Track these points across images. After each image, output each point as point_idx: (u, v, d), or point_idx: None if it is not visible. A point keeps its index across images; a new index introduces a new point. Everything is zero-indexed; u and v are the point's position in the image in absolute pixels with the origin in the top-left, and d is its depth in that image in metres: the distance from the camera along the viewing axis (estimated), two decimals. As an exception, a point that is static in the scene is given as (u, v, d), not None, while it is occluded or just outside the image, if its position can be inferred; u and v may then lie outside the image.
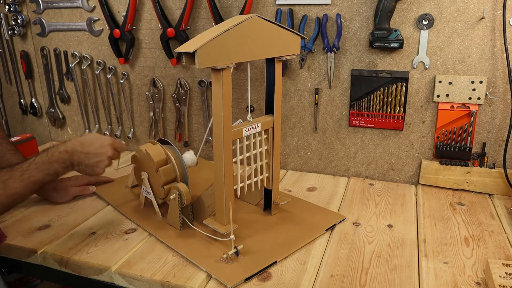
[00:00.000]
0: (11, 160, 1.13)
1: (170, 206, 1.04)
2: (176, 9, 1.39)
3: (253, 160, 1.01)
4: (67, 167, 0.96)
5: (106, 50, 1.53)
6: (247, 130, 0.96)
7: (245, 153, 0.98)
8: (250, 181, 1.02)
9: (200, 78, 1.43)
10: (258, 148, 1.01)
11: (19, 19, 1.59)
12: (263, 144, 1.02)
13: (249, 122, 0.97)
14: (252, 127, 0.97)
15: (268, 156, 1.04)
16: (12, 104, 1.79)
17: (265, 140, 1.03)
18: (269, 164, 1.05)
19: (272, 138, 1.03)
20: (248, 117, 0.97)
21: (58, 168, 0.94)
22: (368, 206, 1.17)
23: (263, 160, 1.04)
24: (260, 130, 0.99)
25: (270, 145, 1.04)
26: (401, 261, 0.92)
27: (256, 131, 0.98)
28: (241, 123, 0.97)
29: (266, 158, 1.04)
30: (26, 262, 1.00)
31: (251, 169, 1.02)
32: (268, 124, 1.01)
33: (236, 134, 0.94)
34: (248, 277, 0.86)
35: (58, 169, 0.94)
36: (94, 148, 0.99)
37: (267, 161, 1.05)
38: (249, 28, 0.87)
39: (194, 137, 1.53)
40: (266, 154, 1.04)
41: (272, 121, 1.01)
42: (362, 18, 1.22)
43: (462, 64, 1.17)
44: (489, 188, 1.22)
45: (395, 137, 1.29)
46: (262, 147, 1.02)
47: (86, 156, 0.97)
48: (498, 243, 0.98)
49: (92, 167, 0.99)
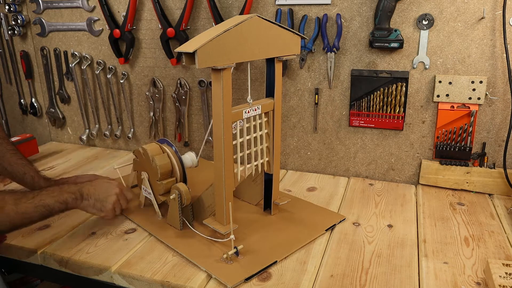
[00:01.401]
0: (11, 160, 1.13)
1: (170, 206, 1.04)
2: (176, 9, 1.39)
3: (253, 144, 0.99)
4: (77, 199, 0.98)
5: (106, 50, 1.53)
6: (247, 112, 0.94)
7: (245, 136, 0.96)
8: (250, 165, 1.00)
9: (200, 78, 1.43)
10: (258, 131, 0.99)
11: (19, 19, 1.59)
12: (263, 127, 1.01)
13: (249, 104, 0.95)
14: (252, 109, 0.95)
15: (269, 139, 1.03)
16: (12, 104, 1.79)
17: (266, 123, 1.01)
18: (270, 148, 1.03)
19: (272, 121, 1.01)
20: (248, 99, 0.95)
21: (67, 198, 0.96)
22: (368, 206, 1.17)
23: (264, 143, 1.02)
24: (260, 112, 0.97)
25: (270, 128, 1.02)
26: (401, 261, 0.92)
27: (256, 113, 0.96)
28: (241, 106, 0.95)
29: (267, 141, 1.03)
30: (26, 262, 1.00)
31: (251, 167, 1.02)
32: (269, 106, 0.99)
33: (236, 116, 0.92)
34: (248, 277, 0.86)
35: (68, 199, 0.96)
36: (103, 184, 1.05)
37: (268, 144, 1.03)
38: (249, 28, 0.87)
39: (194, 137, 1.53)
40: (267, 138, 1.02)
41: (272, 104, 1.00)
42: (362, 18, 1.22)
43: (462, 64, 1.17)
44: (489, 188, 1.22)
45: (395, 137, 1.29)
46: (262, 130, 1.00)
47: (95, 190, 1.01)
48: (498, 243, 0.98)
49: (101, 202, 1.01)
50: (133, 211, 1.13)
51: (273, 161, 1.04)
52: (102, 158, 1.56)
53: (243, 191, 1.17)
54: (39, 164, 1.47)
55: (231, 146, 0.92)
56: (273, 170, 1.05)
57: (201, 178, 1.19)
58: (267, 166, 1.05)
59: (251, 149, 1.00)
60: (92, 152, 1.63)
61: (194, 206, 1.05)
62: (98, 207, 1.01)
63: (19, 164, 1.13)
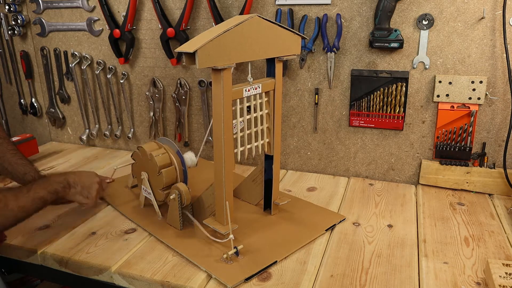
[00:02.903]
0: (12, 160, 1.13)
1: (170, 206, 1.04)
2: (176, 9, 1.39)
3: (253, 124, 0.97)
4: (65, 187, 1.02)
5: (106, 50, 1.53)
6: (248, 91, 0.92)
7: (246, 115, 0.94)
8: (251, 145, 0.99)
9: (200, 78, 1.43)
10: (258, 111, 0.97)
11: (19, 19, 1.59)
12: (264, 107, 0.99)
13: (250, 83, 0.93)
14: (252, 87, 0.93)
15: (269, 120, 1.01)
16: (12, 104, 1.79)
17: (266, 103, 0.99)
18: (270, 128, 1.01)
19: (273, 101, 0.99)
20: (248, 78, 0.93)
21: (57, 188, 1.00)
22: (368, 206, 1.17)
23: (264, 124, 1.00)
24: (261, 91, 0.95)
25: (271, 109, 1.00)
26: (401, 261, 0.92)
27: (256, 92, 0.94)
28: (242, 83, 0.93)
29: (267, 122, 1.01)
30: (26, 262, 1.00)
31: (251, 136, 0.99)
32: (269, 86, 0.97)
33: (236, 94, 0.90)
34: (248, 277, 0.86)
35: (58, 188, 1.00)
36: (85, 174, 1.11)
37: (268, 125, 1.01)
38: (249, 28, 0.87)
39: (194, 137, 1.52)
40: (267, 118, 1.00)
41: (273, 83, 0.98)
42: (362, 18, 1.22)
43: (462, 64, 1.17)
44: (489, 188, 1.22)
45: (395, 137, 1.29)
46: (263, 110, 0.98)
47: (80, 178, 1.06)
48: (498, 243, 0.98)
49: (87, 189, 1.06)
50: (133, 211, 1.13)
51: (274, 143, 1.02)
52: (102, 158, 1.56)
53: (243, 191, 1.17)
54: (39, 164, 1.47)
55: (231, 146, 0.92)
56: (273, 151, 1.03)
57: (201, 178, 1.19)
58: (268, 147, 1.03)
59: (251, 129, 0.97)
60: (92, 152, 1.63)
61: (194, 206, 1.05)
62: (85, 194, 1.06)
63: (19, 164, 1.13)
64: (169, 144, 1.10)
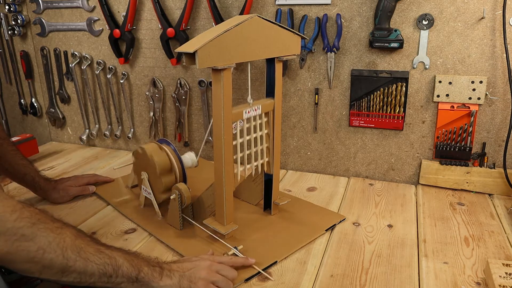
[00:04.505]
0: (12, 161, 1.13)
1: (170, 206, 1.04)
2: (176, 9, 1.39)
3: (253, 144, 0.98)
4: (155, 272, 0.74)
5: (106, 50, 1.53)
6: (248, 112, 0.93)
7: (245, 136, 0.96)
8: (250, 165, 1.00)
9: (200, 78, 1.43)
10: (258, 132, 0.98)
11: (19, 19, 1.59)
12: (264, 128, 1.00)
13: (249, 104, 0.94)
14: (252, 109, 0.94)
15: (269, 140, 1.02)
16: (12, 104, 1.79)
17: (266, 124, 1.00)
18: (270, 148, 1.03)
19: (272, 121, 1.00)
20: (248, 99, 0.94)
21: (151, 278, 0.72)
22: (368, 206, 1.17)
23: (264, 144, 1.01)
24: (260, 112, 0.97)
25: (270, 129, 1.01)
26: (401, 261, 0.92)
27: (256, 114, 0.96)
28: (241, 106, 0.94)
29: (267, 142, 1.02)
30: (26, 262, 1.00)
31: (251, 167, 1.01)
32: (269, 106, 0.99)
33: (236, 116, 0.91)
34: (248, 277, 0.86)
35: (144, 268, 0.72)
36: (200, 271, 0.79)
37: (268, 145, 1.03)
38: (249, 28, 0.87)
39: (194, 137, 1.53)
40: (267, 138, 1.02)
41: (272, 104, 0.99)
42: (362, 18, 1.22)
43: (462, 64, 1.17)
44: (489, 188, 1.22)
45: (395, 137, 1.29)
46: (262, 130, 1.00)
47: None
48: (498, 243, 0.98)
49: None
50: (133, 211, 1.13)
51: (273, 162, 1.04)
52: (102, 158, 1.56)
53: (243, 191, 1.17)
54: (39, 164, 1.47)
55: (231, 146, 0.92)
56: (273, 170, 1.05)
57: (201, 178, 1.19)
58: (267, 166, 1.05)
59: (251, 149, 0.99)
60: (92, 152, 1.63)
61: (194, 206, 1.05)
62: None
63: (20, 165, 1.13)
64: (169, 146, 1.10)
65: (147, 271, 0.71)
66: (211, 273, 0.78)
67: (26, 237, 0.62)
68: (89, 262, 0.66)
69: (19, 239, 0.62)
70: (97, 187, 1.26)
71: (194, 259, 0.82)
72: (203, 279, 0.76)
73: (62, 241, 0.65)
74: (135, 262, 0.71)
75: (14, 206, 0.64)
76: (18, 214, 0.63)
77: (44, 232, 0.64)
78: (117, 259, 0.69)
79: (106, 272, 0.68)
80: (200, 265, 0.79)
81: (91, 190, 1.24)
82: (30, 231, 0.63)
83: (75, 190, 1.21)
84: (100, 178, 1.28)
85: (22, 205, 0.65)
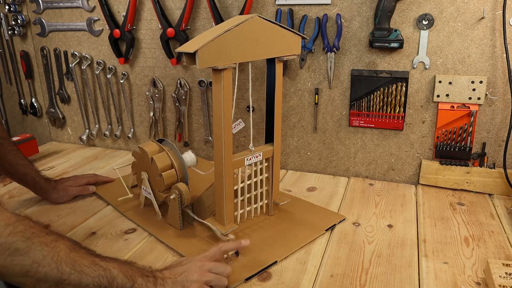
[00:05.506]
0: (13, 161, 1.13)
1: (170, 206, 1.04)
2: (176, 9, 1.39)
3: (253, 188, 1.02)
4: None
5: (106, 50, 1.53)
6: (249, 159, 0.98)
7: (246, 181, 1.00)
8: (250, 207, 1.04)
9: (200, 78, 1.43)
10: (258, 176, 1.03)
11: (19, 19, 1.59)
12: (264, 172, 1.04)
13: (251, 151, 0.98)
14: (254, 156, 0.99)
15: (268, 183, 1.06)
16: (12, 104, 1.79)
17: (266, 168, 1.04)
18: (269, 191, 1.07)
19: (271, 166, 1.04)
20: (250, 147, 0.98)
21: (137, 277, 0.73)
22: (368, 206, 1.17)
23: (263, 187, 1.05)
24: (261, 159, 1.01)
25: (270, 173, 1.05)
26: (401, 261, 0.92)
27: (257, 160, 1.00)
28: (243, 154, 0.98)
29: (266, 185, 1.06)
30: (26, 262, 1.00)
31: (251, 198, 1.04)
32: (269, 153, 1.03)
33: (237, 164, 0.95)
34: (248, 277, 0.86)
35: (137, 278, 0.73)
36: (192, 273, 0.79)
37: (267, 188, 1.06)
38: (249, 28, 0.87)
39: (194, 137, 1.53)
40: (266, 182, 1.06)
41: (272, 151, 1.03)
42: (362, 18, 1.22)
43: (462, 64, 1.17)
44: (489, 188, 1.22)
45: (395, 137, 1.29)
46: (262, 175, 1.04)
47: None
48: (498, 243, 0.98)
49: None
50: (133, 211, 1.13)
51: (271, 205, 1.08)
52: (102, 158, 1.56)
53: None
54: (39, 164, 1.47)
55: (231, 146, 0.92)
56: (272, 212, 1.09)
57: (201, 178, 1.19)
58: (266, 208, 1.08)
59: (251, 193, 1.03)
60: (92, 152, 1.63)
61: (194, 206, 1.05)
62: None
63: (20, 165, 1.13)
64: (169, 146, 1.10)
65: (141, 282, 0.72)
66: (203, 274, 0.79)
67: (20, 251, 0.62)
68: (84, 275, 0.66)
69: (13, 254, 0.62)
70: (97, 187, 1.26)
71: (185, 262, 0.81)
72: (196, 281, 0.77)
73: (57, 254, 0.65)
74: (130, 273, 0.72)
75: (8, 219, 0.63)
76: (12, 228, 0.62)
77: (38, 246, 0.64)
78: (112, 271, 0.69)
79: (101, 285, 0.68)
80: (191, 267, 0.79)
81: (91, 190, 1.24)
82: (24, 245, 0.63)
83: (75, 190, 1.21)
84: (100, 178, 1.28)
85: (17, 217, 0.65)
